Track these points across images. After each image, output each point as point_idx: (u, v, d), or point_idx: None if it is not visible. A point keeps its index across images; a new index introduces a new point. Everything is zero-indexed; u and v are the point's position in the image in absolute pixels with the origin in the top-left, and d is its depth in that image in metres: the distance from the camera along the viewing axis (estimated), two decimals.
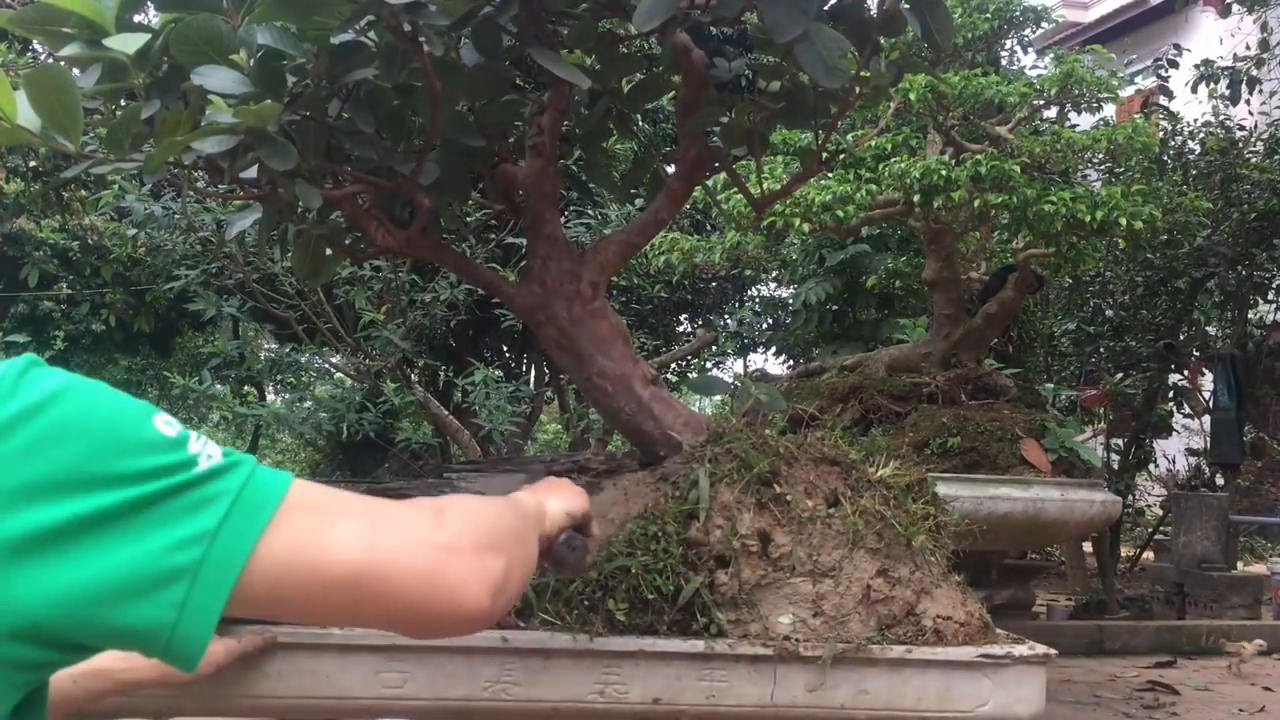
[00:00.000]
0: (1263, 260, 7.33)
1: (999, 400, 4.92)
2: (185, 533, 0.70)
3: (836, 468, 1.58)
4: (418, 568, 0.77)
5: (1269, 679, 5.27)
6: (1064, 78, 5.02)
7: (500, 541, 0.85)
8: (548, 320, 1.66)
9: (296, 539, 0.74)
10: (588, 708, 1.39)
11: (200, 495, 0.72)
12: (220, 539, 0.71)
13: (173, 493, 0.71)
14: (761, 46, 1.63)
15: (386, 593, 0.76)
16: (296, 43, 1.34)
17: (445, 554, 0.78)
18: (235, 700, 1.36)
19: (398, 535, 0.77)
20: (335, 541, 0.75)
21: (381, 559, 0.75)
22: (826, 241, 7.02)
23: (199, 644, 0.71)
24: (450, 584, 0.78)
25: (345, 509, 0.78)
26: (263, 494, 0.74)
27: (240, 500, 0.72)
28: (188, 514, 0.71)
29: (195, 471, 0.72)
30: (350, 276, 5.10)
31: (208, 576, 0.70)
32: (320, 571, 0.74)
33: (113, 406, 0.73)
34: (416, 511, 0.81)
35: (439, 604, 0.77)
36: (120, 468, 0.70)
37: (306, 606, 0.76)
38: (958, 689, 1.43)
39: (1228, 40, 8.73)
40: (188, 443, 0.74)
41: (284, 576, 0.73)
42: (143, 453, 0.71)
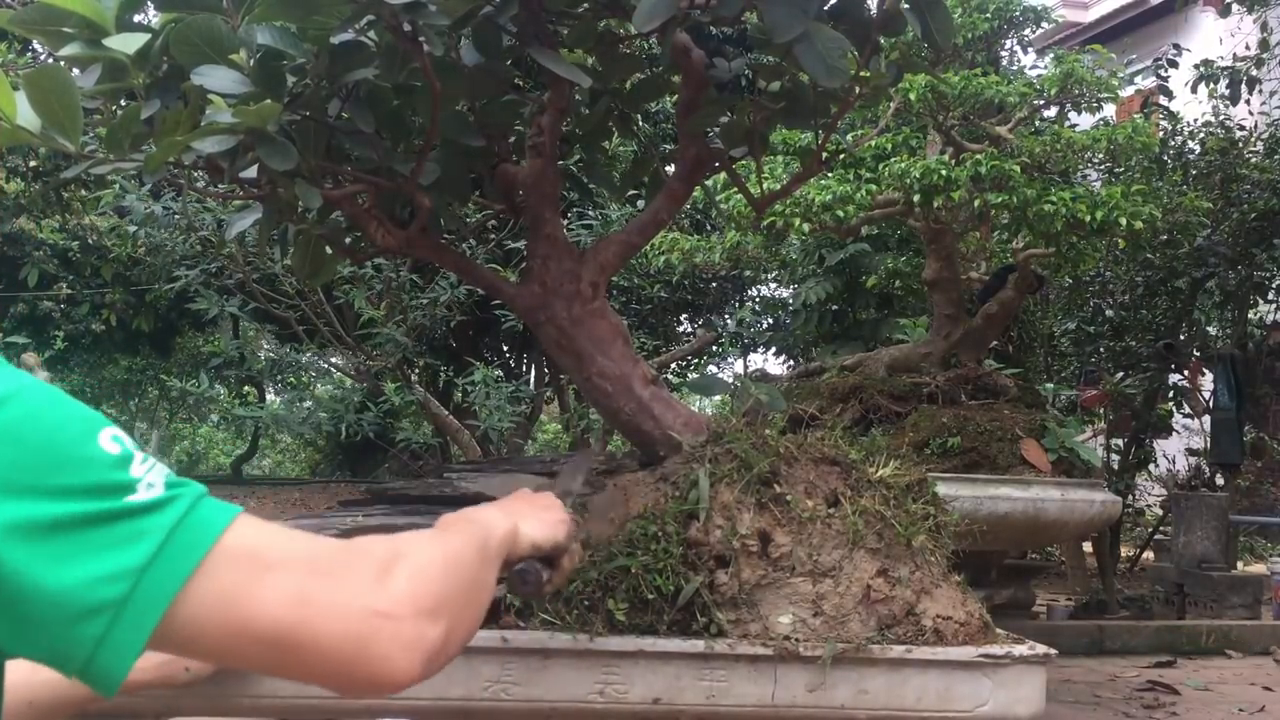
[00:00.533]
0: (1263, 260, 7.33)
1: (999, 400, 4.92)
2: (115, 566, 0.69)
3: (836, 468, 1.58)
4: (346, 632, 0.74)
5: (1269, 679, 5.27)
6: (1064, 78, 5.02)
7: (445, 602, 0.82)
8: (548, 320, 1.66)
9: (225, 589, 0.72)
10: (588, 708, 1.39)
11: (134, 528, 0.70)
12: (147, 578, 0.69)
13: (106, 519, 0.69)
14: (761, 46, 1.63)
15: (308, 655, 0.74)
16: (296, 43, 1.34)
17: (379, 620, 0.76)
18: (235, 700, 1.36)
19: (331, 595, 0.75)
20: (264, 597, 0.73)
21: (308, 621, 0.73)
22: (826, 241, 7.02)
23: (115, 677, 0.70)
24: (377, 653, 0.75)
25: (281, 560, 0.75)
26: (197, 535, 0.72)
27: (173, 539, 0.71)
28: (119, 546, 0.69)
29: (131, 501, 0.70)
30: (350, 276, 5.10)
31: (130, 616, 0.69)
32: (244, 626, 0.72)
33: (60, 416, 0.72)
34: (362, 566, 0.78)
35: (362, 671, 0.75)
36: (56, 481, 0.68)
37: (228, 656, 0.75)
38: (958, 689, 1.43)
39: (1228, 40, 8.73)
40: (130, 464, 0.72)
41: (207, 625, 0.72)
42: (82, 469, 0.70)
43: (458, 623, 0.84)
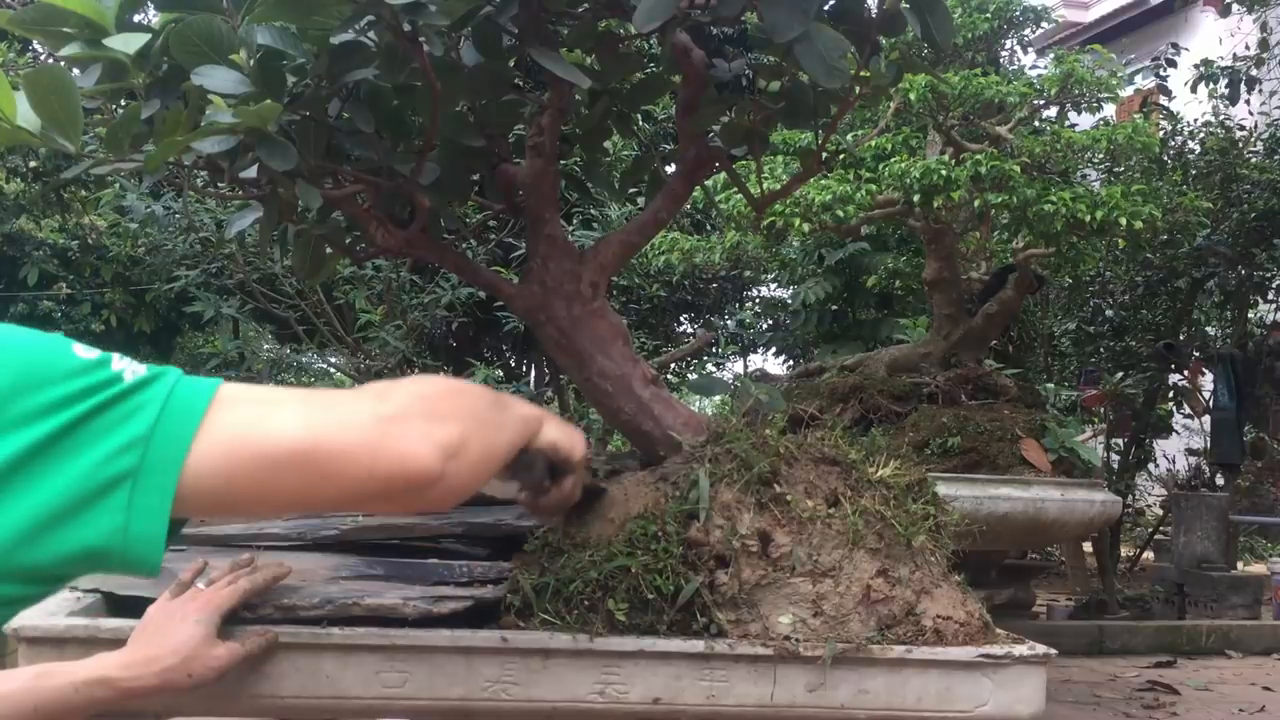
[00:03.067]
0: (1263, 260, 7.33)
1: (999, 400, 4.92)
2: (119, 441, 0.71)
3: (836, 468, 1.58)
4: (359, 438, 0.77)
5: (1269, 679, 5.27)
6: (1064, 78, 5.02)
7: (452, 411, 0.84)
8: (548, 320, 1.66)
9: (237, 427, 0.75)
10: (588, 708, 1.39)
11: (130, 405, 0.73)
12: (156, 439, 0.72)
13: (101, 408, 0.72)
14: (761, 46, 1.63)
15: (332, 466, 0.76)
16: (296, 43, 1.34)
17: (386, 423, 0.79)
18: (235, 700, 1.36)
19: (336, 412, 0.78)
20: (275, 424, 0.76)
21: (322, 434, 0.76)
22: (826, 241, 7.03)
23: (155, 544, 0.72)
24: (394, 448, 0.78)
25: (283, 396, 0.79)
26: (193, 394, 0.75)
27: (171, 402, 0.74)
28: (119, 424, 0.72)
29: (121, 385, 0.73)
30: (350, 276, 5.10)
31: (149, 477, 0.71)
32: (264, 454, 0.75)
33: (27, 342, 0.74)
34: (359, 393, 0.83)
35: (384, 467, 0.77)
36: (46, 397, 0.71)
37: (258, 493, 0.76)
38: (958, 689, 1.43)
39: (1227, 40, 8.73)
40: (110, 362, 0.75)
41: (230, 465, 0.74)
42: (66, 379, 0.72)
43: (471, 431, 0.84)
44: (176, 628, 1.27)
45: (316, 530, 1.64)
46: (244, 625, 1.34)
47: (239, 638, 1.32)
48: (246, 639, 1.32)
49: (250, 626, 1.34)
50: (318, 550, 1.61)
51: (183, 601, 1.31)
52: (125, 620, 1.34)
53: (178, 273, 5.44)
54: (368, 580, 1.48)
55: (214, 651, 1.28)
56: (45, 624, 1.33)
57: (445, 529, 1.61)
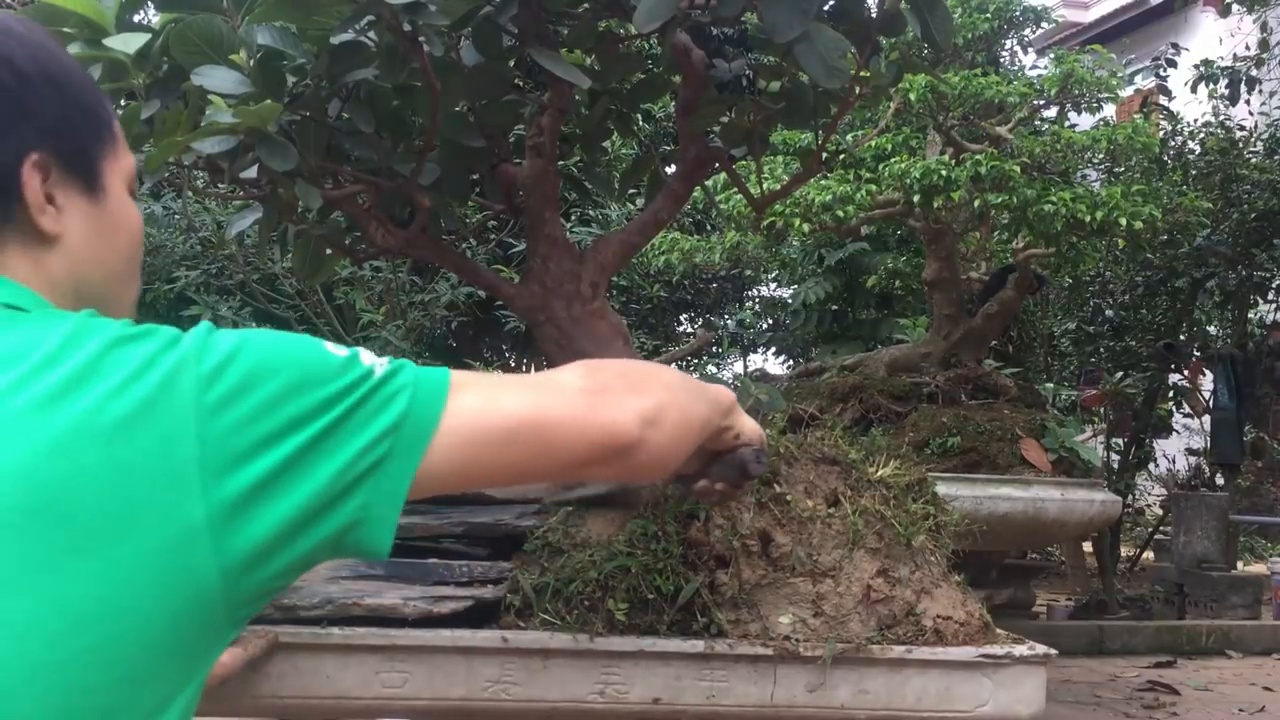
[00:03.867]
0: (1263, 260, 7.33)
1: (999, 400, 4.92)
2: (374, 433, 0.77)
3: (836, 468, 1.58)
4: (574, 410, 0.86)
5: (1269, 679, 5.27)
6: (1064, 78, 5.03)
7: (649, 386, 0.93)
8: (548, 320, 1.66)
9: (475, 409, 0.82)
10: (588, 708, 1.39)
11: (382, 398, 0.78)
12: (405, 427, 0.78)
13: (359, 405, 0.77)
14: (761, 46, 1.63)
15: (553, 436, 0.85)
16: (296, 43, 1.34)
17: (593, 395, 0.88)
18: (235, 700, 1.36)
19: (553, 390, 0.88)
20: (506, 404, 0.84)
21: (545, 409, 0.85)
22: (826, 241, 7.03)
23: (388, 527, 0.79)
24: (601, 417, 0.87)
25: (502, 382, 0.88)
26: (435, 383, 0.81)
27: (417, 391, 0.80)
28: (374, 417, 0.77)
29: (373, 380, 0.78)
30: (350, 277, 5.10)
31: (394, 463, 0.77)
32: (496, 433, 0.83)
33: (291, 344, 0.79)
34: (566, 371, 0.92)
35: (592, 434, 0.86)
36: (312, 399, 0.75)
37: (494, 466, 0.84)
38: (958, 689, 1.42)
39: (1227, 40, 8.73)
40: (359, 357, 0.80)
41: (471, 443, 0.81)
42: (327, 380, 0.77)
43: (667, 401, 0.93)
44: None
45: None
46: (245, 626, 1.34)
47: (241, 640, 1.32)
48: (248, 642, 1.32)
49: (251, 627, 1.34)
50: None
51: None
52: None
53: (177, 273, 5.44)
54: (368, 580, 1.48)
55: (219, 658, 1.28)
56: None
57: (445, 529, 1.61)
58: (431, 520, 1.62)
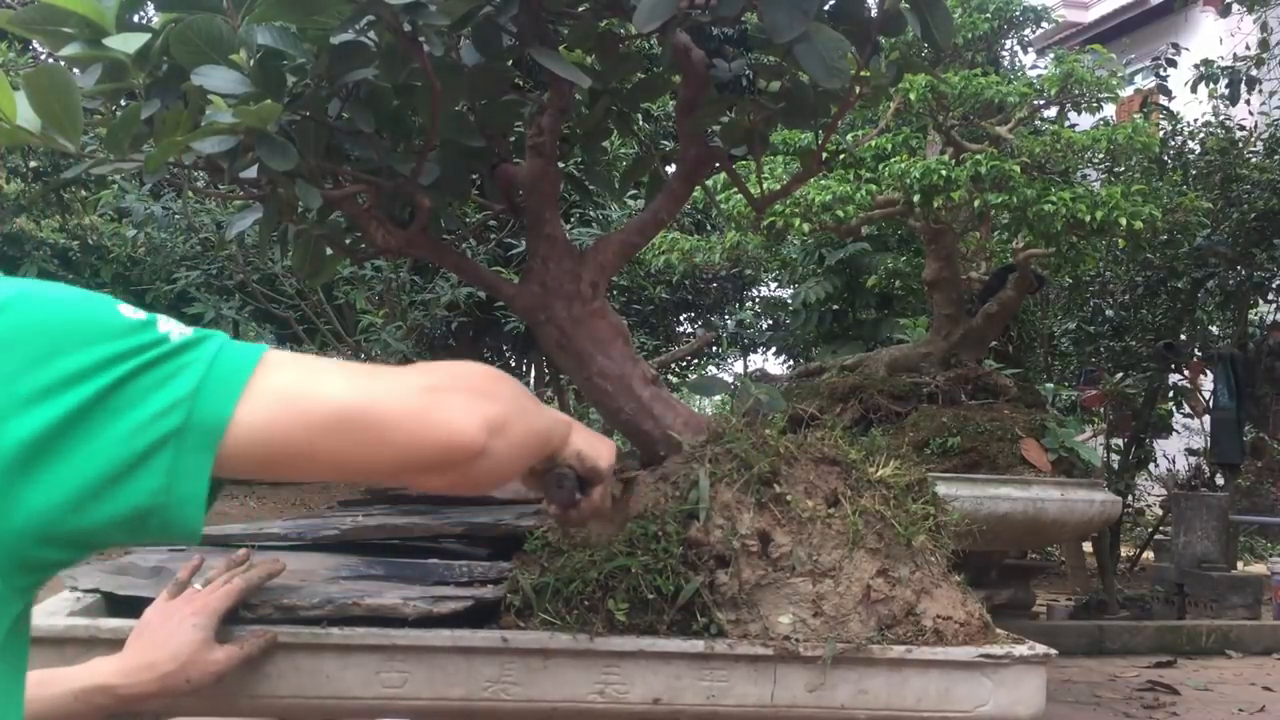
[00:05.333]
0: (1263, 260, 7.33)
1: (999, 400, 4.92)
2: (164, 401, 0.70)
3: (836, 468, 1.58)
4: (406, 405, 0.77)
5: (1269, 679, 5.27)
6: (1064, 78, 5.02)
7: (493, 392, 0.84)
8: (548, 320, 1.66)
9: (283, 388, 0.74)
10: (588, 708, 1.39)
11: (175, 365, 0.72)
12: (201, 398, 0.71)
13: (147, 367, 0.71)
14: (761, 46, 1.63)
15: (377, 431, 0.76)
16: (296, 43, 1.34)
17: (432, 394, 0.79)
18: (235, 700, 1.36)
19: (382, 381, 0.78)
20: (321, 387, 0.75)
21: (370, 402, 0.76)
22: (826, 241, 7.03)
23: (197, 505, 0.71)
24: (440, 417, 0.78)
25: (328, 364, 0.79)
26: (239, 355, 0.74)
27: (217, 362, 0.73)
28: (164, 383, 0.71)
29: (167, 345, 0.72)
30: (350, 276, 5.10)
31: (192, 437, 0.70)
32: (309, 416, 0.74)
33: (74, 300, 0.73)
34: (402, 369, 0.83)
35: (430, 435, 0.77)
36: (90, 357, 0.69)
37: (301, 455, 0.76)
38: (958, 689, 1.43)
39: (1227, 40, 8.73)
40: (156, 323, 0.74)
41: (275, 425, 0.73)
42: (112, 337, 0.71)
43: (513, 412, 0.84)
44: (174, 632, 1.27)
45: (316, 530, 1.64)
46: (243, 625, 1.34)
47: (238, 640, 1.32)
48: (245, 641, 1.32)
49: (250, 626, 1.34)
50: (318, 550, 1.61)
51: (180, 604, 1.31)
52: (125, 620, 1.34)
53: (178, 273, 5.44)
54: (368, 580, 1.48)
55: (212, 655, 1.28)
56: (45, 624, 1.33)
57: (445, 529, 1.61)
58: (431, 520, 1.62)
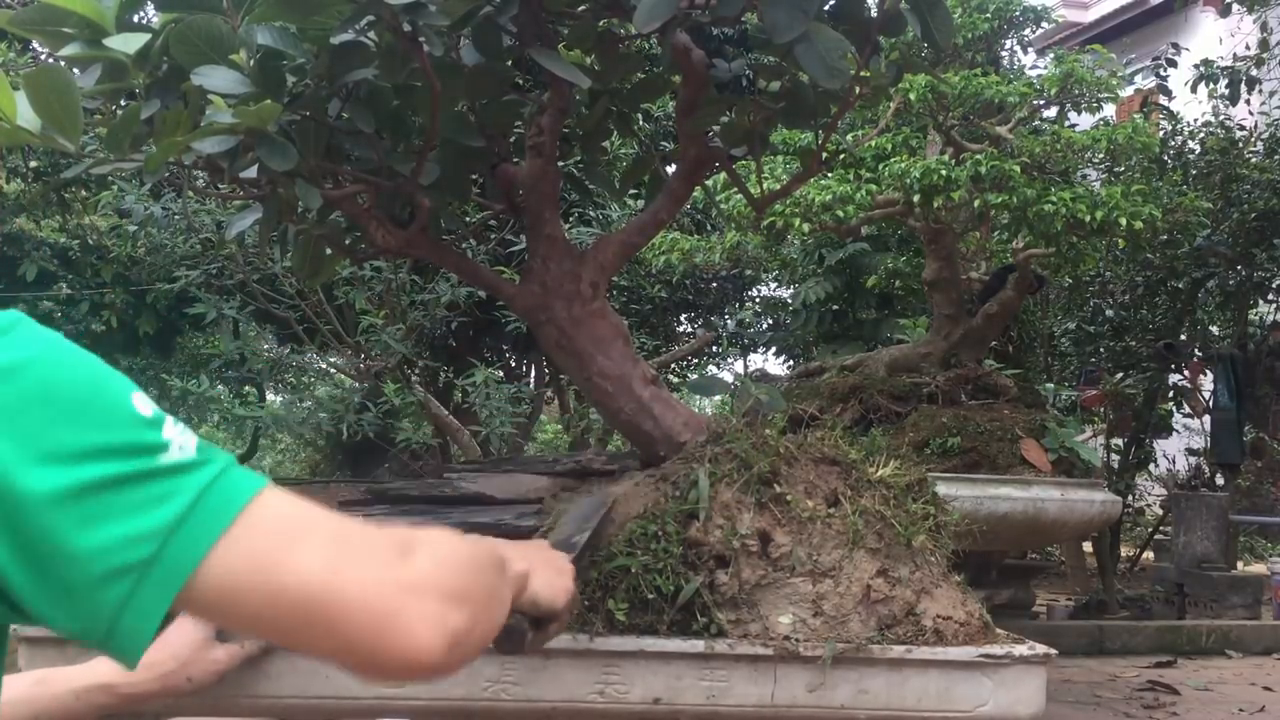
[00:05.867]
0: (1263, 260, 7.33)
1: (999, 400, 4.93)
2: (142, 528, 0.68)
3: (836, 468, 1.58)
4: (374, 603, 0.73)
5: (1269, 679, 5.27)
6: (1064, 78, 5.02)
7: (470, 593, 0.80)
8: (548, 320, 1.66)
9: (256, 552, 0.71)
10: (588, 708, 1.39)
11: (164, 488, 0.69)
12: (175, 538, 0.69)
13: (138, 478, 0.69)
14: (761, 47, 1.63)
15: (338, 623, 0.72)
16: (296, 43, 1.34)
17: (406, 594, 0.74)
18: (235, 700, 1.36)
19: (360, 567, 0.74)
20: (295, 563, 0.72)
21: (339, 588, 0.72)
22: (826, 241, 7.03)
23: (141, 640, 0.69)
24: (405, 626, 0.74)
25: (310, 530, 0.74)
26: (227, 498, 0.71)
27: (202, 501, 0.70)
28: (148, 506, 0.69)
29: (162, 461, 0.70)
30: (350, 277, 5.10)
31: (156, 576, 0.68)
32: (274, 590, 0.71)
33: (92, 374, 0.71)
34: (387, 543, 0.78)
35: (388, 644, 0.73)
36: (92, 441, 0.68)
37: (254, 622, 0.73)
38: (958, 689, 1.43)
39: (1227, 40, 8.73)
40: (163, 425, 0.72)
41: (237, 588, 0.71)
42: (117, 428, 0.69)
43: (480, 618, 0.82)
44: (176, 632, 1.27)
45: None
46: None
47: (238, 639, 1.32)
48: (246, 640, 1.32)
49: None
50: None
51: None
52: None
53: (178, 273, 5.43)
54: None
55: (213, 655, 1.28)
56: None
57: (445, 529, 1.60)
58: (431, 520, 1.62)
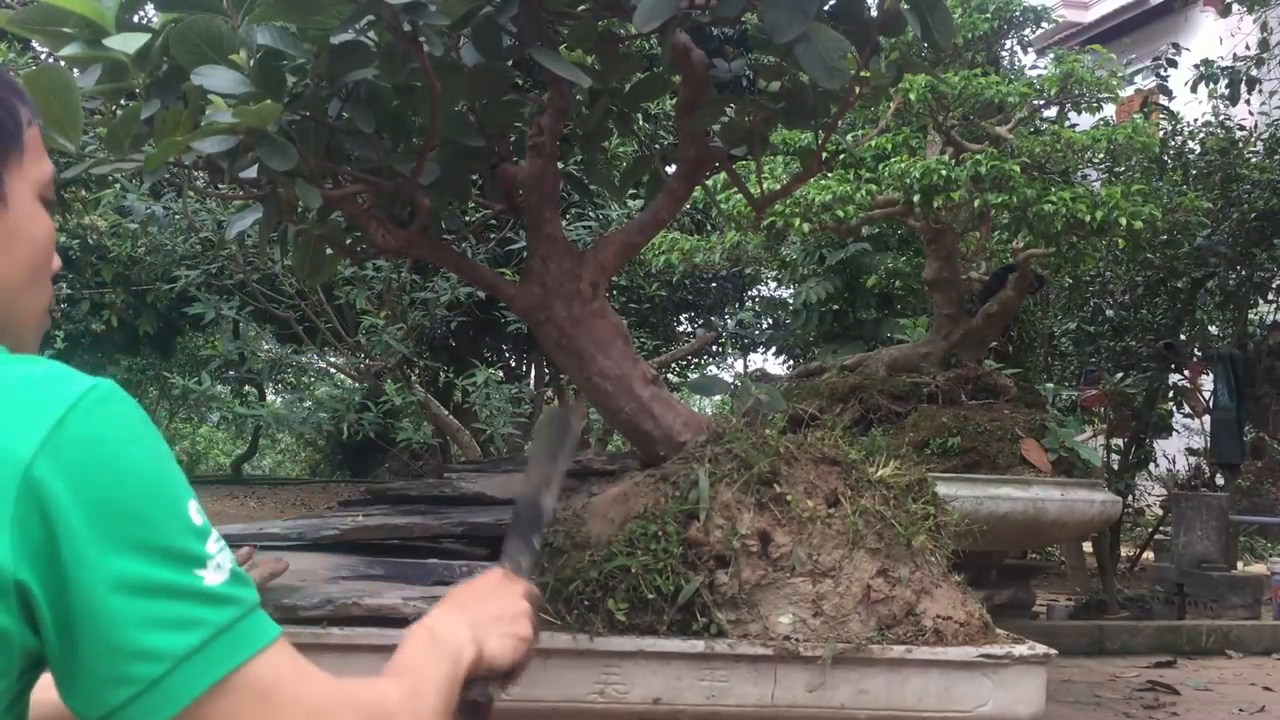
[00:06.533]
0: (1263, 260, 7.33)
1: (999, 400, 4.93)
2: (162, 645, 0.71)
3: (836, 468, 1.58)
4: None
5: (1269, 679, 5.27)
6: (1064, 78, 5.02)
7: None
8: (548, 320, 1.66)
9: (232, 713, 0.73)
10: (588, 708, 1.39)
11: (194, 613, 0.72)
12: (183, 668, 0.71)
13: (174, 593, 0.72)
14: (761, 46, 1.63)
15: None
16: (296, 43, 1.34)
17: None
18: None
19: None
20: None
21: None
22: (827, 241, 7.02)
23: None
24: None
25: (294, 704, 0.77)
26: (237, 644, 0.74)
27: (217, 640, 0.73)
28: (176, 627, 0.71)
29: (201, 583, 0.73)
30: (351, 276, 5.10)
31: (154, 699, 0.71)
32: None
33: (164, 470, 0.75)
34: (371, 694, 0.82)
35: None
36: (152, 537, 0.71)
37: None
38: (958, 689, 1.42)
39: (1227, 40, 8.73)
40: (208, 539, 0.75)
41: None
42: (176, 532, 0.73)
43: None
44: None
45: (316, 530, 1.64)
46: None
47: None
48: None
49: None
50: (318, 550, 1.61)
51: None
52: None
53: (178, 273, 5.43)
54: (368, 580, 1.48)
55: None
56: None
57: (445, 529, 1.61)
58: (431, 520, 1.61)
